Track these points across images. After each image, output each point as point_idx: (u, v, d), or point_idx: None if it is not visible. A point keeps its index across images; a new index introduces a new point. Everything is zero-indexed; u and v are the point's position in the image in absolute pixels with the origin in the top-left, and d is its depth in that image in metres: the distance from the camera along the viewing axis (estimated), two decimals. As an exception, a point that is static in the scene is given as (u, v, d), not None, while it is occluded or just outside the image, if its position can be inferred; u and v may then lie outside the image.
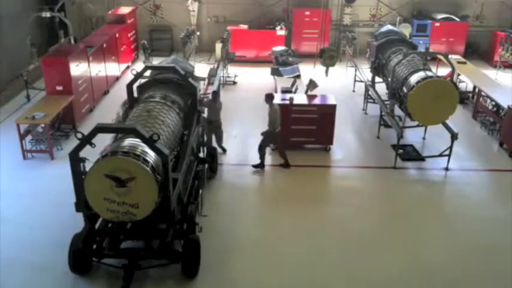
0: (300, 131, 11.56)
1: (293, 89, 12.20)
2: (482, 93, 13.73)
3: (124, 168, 6.36)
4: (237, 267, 7.90)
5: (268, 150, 11.81)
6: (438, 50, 17.86)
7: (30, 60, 15.27)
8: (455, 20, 19.49)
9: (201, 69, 16.69)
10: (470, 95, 15.24)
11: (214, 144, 11.29)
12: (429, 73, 10.92)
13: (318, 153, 11.84)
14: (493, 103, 13.12)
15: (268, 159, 11.51)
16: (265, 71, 13.98)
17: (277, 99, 11.53)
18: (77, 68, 12.68)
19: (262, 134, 10.84)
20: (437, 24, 19.33)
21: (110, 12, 18.48)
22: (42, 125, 11.16)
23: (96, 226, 7.53)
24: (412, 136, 12.49)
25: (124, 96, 9.19)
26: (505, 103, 12.29)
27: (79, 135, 6.53)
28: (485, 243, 8.71)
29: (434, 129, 11.81)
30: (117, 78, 16.49)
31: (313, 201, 9.95)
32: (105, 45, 15.03)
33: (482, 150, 12.31)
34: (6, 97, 14.50)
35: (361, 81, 14.92)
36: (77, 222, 7.48)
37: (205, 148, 10.20)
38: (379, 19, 20.15)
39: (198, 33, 18.13)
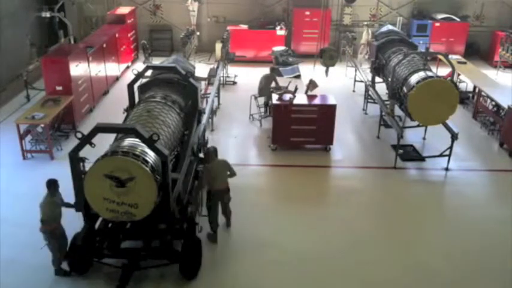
0: (300, 131, 11.55)
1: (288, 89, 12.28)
2: (483, 93, 13.73)
3: (123, 168, 6.36)
4: (237, 267, 7.89)
5: (268, 150, 11.82)
6: (438, 50, 17.85)
7: (30, 60, 15.27)
8: (455, 20, 19.48)
9: (201, 69, 16.68)
10: (471, 95, 15.24)
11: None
12: (429, 73, 10.91)
13: (318, 153, 11.83)
14: (493, 103, 13.12)
15: (269, 159, 11.51)
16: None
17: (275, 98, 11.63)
18: (77, 68, 12.66)
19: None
20: (437, 24, 19.32)
21: (109, 12, 18.48)
22: (42, 125, 11.15)
23: (96, 226, 7.54)
24: (412, 136, 12.49)
25: (124, 96, 9.19)
26: (505, 103, 12.29)
27: (79, 135, 6.53)
28: (485, 243, 8.71)
29: (435, 129, 11.80)
30: (117, 78, 16.48)
31: (313, 201, 9.95)
32: (105, 45, 15.02)
33: (483, 150, 12.31)
34: (6, 97, 14.48)
35: (361, 81, 14.92)
36: (77, 222, 7.48)
37: (205, 148, 10.17)
38: (379, 19, 20.15)
39: (198, 33, 18.13)
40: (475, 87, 14.93)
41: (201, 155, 9.73)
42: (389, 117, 11.91)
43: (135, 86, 9.02)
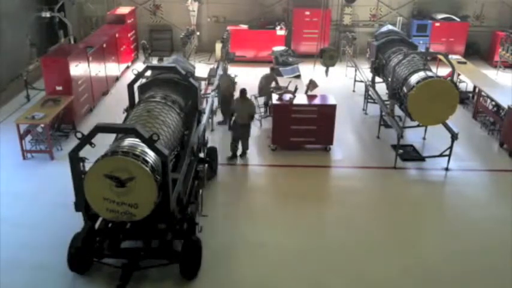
0: (300, 131, 11.55)
1: (288, 89, 12.31)
2: (483, 93, 13.73)
3: (123, 168, 6.36)
4: (237, 267, 7.89)
5: (268, 150, 11.82)
6: (438, 50, 17.86)
7: (30, 60, 15.27)
8: (455, 20, 19.49)
9: (201, 69, 16.68)
10: (471, 95, 15.24)
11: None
12: (429, 73, 10.91)
13: (318, 153, 11.83)
14: (493, 103, 13.12)
15: (269, 159, 11.52)
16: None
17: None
18: (77, 68, 12.66)
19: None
20: (437, 24, 19.33)
21: (109, 12, 18.48)
22: (42, 125, 11.15)
23: (96, 226, 7.54)
24: (412, 136, 12.49)
25: (124, 96, 9.19)
26: (505, 103, 12.28)
27: (79, 135, 6.53)
28: (485, 243, 8.71)
29: (435, 129, 11.81)
30: (117, 79, 16.47)
31: (313, 201, 9.95)
32: (105, 45, 15.02)
33: (483, 150, 12.31)
34: (6, 97, 14.48)
35: (361, 81, 14.92)
36: (77, 222, 7.48)
37: (205, 148, 10.19)
38: (379, 19, 20.16)
39: (198, 33, 18.13)
40: (475, 87, 14.93)
41: (201, 155, 9.76)
42: (389, 117, 11.91)
43: (135, 86, 9.03)
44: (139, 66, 14.20)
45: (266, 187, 10.53)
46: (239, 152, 11.41)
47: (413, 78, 10.83)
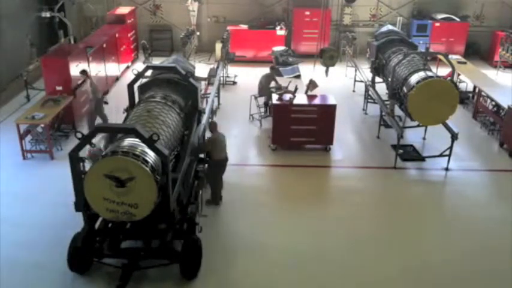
0: (300, 131, 11.55)
1: (288, 89, 12.31)
2: (483, 93, 13.73)
3: (123, 168, 6.36)
4: (238, 268, 7.89)
5: (268, 150, 11.82)
6: (438, 50, 17.86)
7: (30, 60, 15.27)
8: (455, 20, 19.49)
9: (201, 69, 16.68)
10: (471, 95, 15.24)
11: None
12: (429, 73, 10.91)
13: (318, 153, 11.83)
14: (493, 103, 13.12)
15: (269, 159, 11.52)
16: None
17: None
18: (77, 68, 12.65)
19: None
20: (437, 24, 19.33)
21: (109, 12, 18.48)
22: (42, 125, 11.15)
23: (96, 226, 7.54)
24: (412, 136, 12.49)
25: (124, 96, 9.19)
26: (505, 103, 12.28)
27: (79, 135, 6.53)
28: (485, 243, 8.71)
29: (435, 129, 11.80)
30: (117, 79, 16.47)
31: (313, 201, 9.95)
32: (105, 45, 15.02)
33: (483, 150, 12.31)
34: (6, 97, 14.49)
35: (361, 81, 14.92)
36: (77, 222, 7.48)
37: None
38: (379, 19, 20.16)
39: (198, 33, 18.14)
40: (475, 87, 14.93)
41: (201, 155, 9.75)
42: (389, 117, 11.91)
43: (135, 86, 9.03)
44: (139, 66, 14.20)
45: (266, 187, 10.52)
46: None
47: (413, 78, 10.83)
